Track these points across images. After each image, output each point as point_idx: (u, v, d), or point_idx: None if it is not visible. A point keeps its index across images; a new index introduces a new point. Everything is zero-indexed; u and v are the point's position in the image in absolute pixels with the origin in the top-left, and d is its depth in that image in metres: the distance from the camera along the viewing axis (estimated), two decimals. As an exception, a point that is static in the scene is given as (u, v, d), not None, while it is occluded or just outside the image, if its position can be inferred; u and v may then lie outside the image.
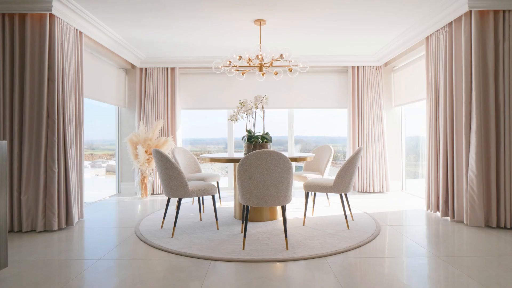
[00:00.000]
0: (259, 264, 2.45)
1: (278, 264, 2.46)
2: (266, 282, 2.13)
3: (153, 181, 5.57)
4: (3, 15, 3.31)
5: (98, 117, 5.76)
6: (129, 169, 5.80)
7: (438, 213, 3.91)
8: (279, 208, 3.71)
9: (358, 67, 5.74)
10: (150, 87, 5.66)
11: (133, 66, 5.73)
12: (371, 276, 2.23)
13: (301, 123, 6.24)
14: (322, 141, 6.53)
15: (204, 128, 6.51)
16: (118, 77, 5.58)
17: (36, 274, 2.27)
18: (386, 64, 5.72)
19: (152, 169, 5.46)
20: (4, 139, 3.27)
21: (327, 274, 2.26)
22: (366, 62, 5.69)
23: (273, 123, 6.25)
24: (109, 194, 5.61)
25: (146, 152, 5.13)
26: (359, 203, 4.68)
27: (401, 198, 5.12)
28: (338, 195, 5.12)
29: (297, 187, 6.12)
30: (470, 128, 3.43)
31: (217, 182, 4.42)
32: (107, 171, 6.83)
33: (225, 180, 6.29)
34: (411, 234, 3.18)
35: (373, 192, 5.60)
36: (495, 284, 2.08)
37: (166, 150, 5.13)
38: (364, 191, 5.65)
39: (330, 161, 4.41)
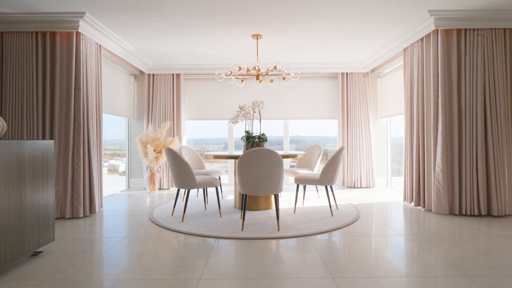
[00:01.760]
0: (255, 240, 3.01)
1: (270, 240, 3.01)
2: (260, 253, 2.69)
3: (160, 177, 6.12)
4: (37, 33, 3.87)
5: (106, 119, 6.28)
6: (138, 166, 6.35)
7: (412, 204, 4.47)
8: (273, 199, 4.26)
9: (347, 73, 6.30)
10: (157, 92, 6.21)
11: (141, 72, 6.27)
12: (343, 248, 2.79)
13: (299, 124, 6.81)
14: (320, 140, 7.10)
15: (205, 129, 7.06)
16: (128, 83, 6.13)
17: (77, 247, 2.83)
18: (372, 71, 6.28)
19: (160, 166, 6.01)
20: (37, 139, 3.82)
21: (310, 247, 2.81)
22: (354, 69, 6.25)
23: (272, 125, 6.80)
24: (119, 189, 6.16)
25: (154, 150, 5.68)
26: (345, 196, 5.24)
27: (385, 192, 5.68)
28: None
29: (291, 182, 6.68)
30: (437, 129, 4.00)
31: (219, 177, 4.97)
32: (108, 170, 7.38)
33: (225, 178, 6.85)
34: (385, 220, 3.74)
35: (361, 187, 6.17)
36: (441, 254, 2.63)
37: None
38: (353, 186, 6.21)
39: (320, 158, 4.97)
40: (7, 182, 2.22)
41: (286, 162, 6.76)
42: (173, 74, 6.25)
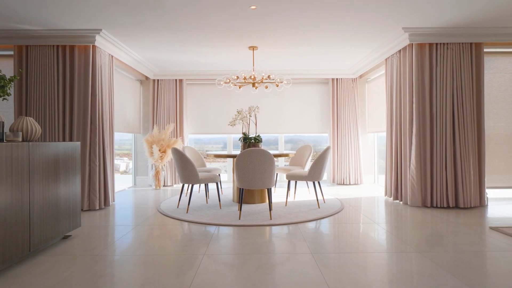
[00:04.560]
0: (250, 227, 3.52)
1: (263, 227, 3.53)
2: (254, 236, 3.20)
3: (165, 175, 6.62)
4: (58, 46, 4.37)
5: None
6: (143, 165, 6.86)
7: (392, 198, 4.99)
8: (267, 193, 4.77)
9: (337, 79, 6.82)
10: (161, 96, 6.72)
11: (147, 77, 6.77)
12: (324, 233, 3.30)
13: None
14: (318, 140, 7.63)
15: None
16: (134, 88, 6.63)
17: (99, 232, 3.34)
18: (360, 77, 6.80)
19: (164, 165, 6.52)
20: (58, 140, 4.32)
21: (296, 232, 3.33)
22: (343, 74, 6.77)
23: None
24: (126, 186, 6.66)
25: (159, 150, 6.19)
26: (334, 192, 5.76)
27: (371, 188, 6.20)
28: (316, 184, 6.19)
29: (285, 180, 7.20)
30: (412, 132, 4.52)
31: (219, 174, 5.47)
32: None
33: (224, 176, 7.36)
34: (365, 211, 4.26)
35: (349, 184, 6.69)
36: (405, 236, 3.14)
37: (176, 149, 6.19)
38: (342, 183, 6.73)
39: (310, 157, 5.49)
40: (47, 175, 2.73)
41: (282, 161, 7.28)
42: (176, 80, 6.75)
